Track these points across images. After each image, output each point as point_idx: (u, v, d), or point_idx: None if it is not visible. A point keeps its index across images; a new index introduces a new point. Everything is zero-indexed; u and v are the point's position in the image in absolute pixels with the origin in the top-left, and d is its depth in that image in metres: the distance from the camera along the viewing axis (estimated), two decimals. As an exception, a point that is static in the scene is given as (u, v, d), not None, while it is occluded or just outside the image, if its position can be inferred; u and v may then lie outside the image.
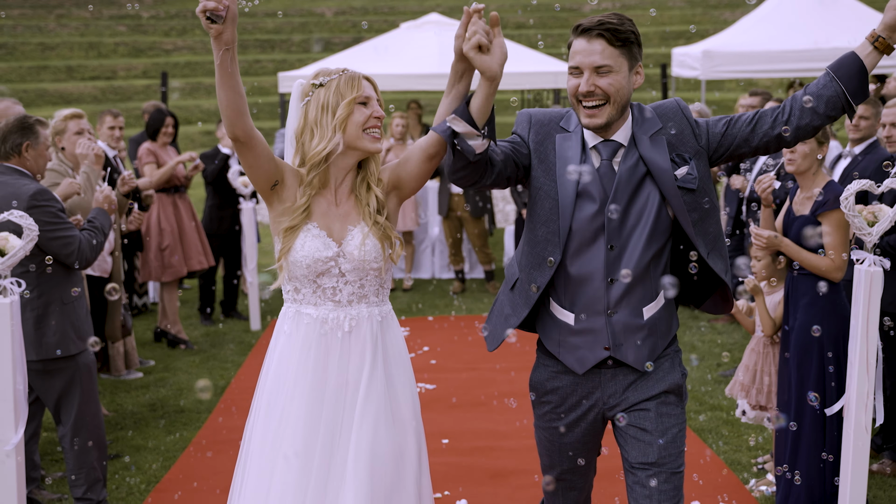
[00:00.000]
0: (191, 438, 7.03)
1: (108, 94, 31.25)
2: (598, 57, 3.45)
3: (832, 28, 13.82)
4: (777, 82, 27.31)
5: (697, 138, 3.58)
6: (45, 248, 5.14)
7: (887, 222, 4.70)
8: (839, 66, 3.53)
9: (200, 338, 9.92)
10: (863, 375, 4.74)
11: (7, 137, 5.28)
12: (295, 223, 3.62)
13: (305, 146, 3.64)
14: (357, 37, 35.26)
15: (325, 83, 3.64)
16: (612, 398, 3.65)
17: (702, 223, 3.58)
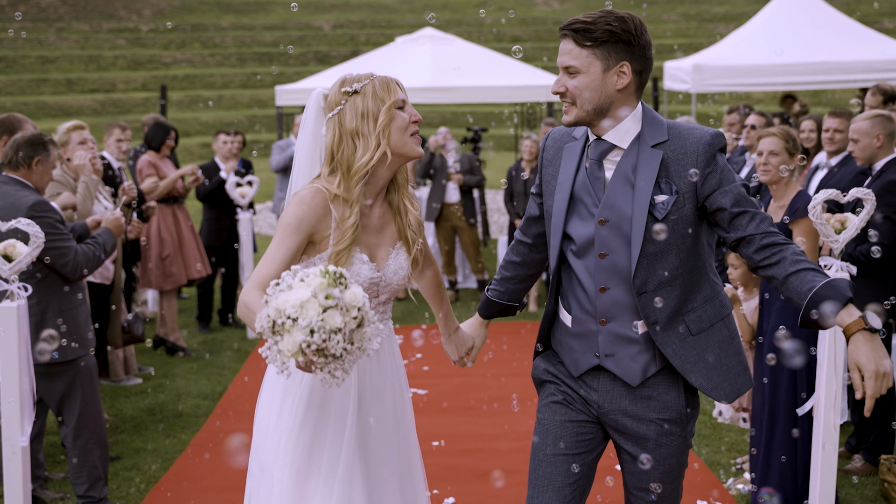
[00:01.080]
0: (189, 441, 7.24)
1: (108, 106, 31.51)
2: (566, 57, 3.39)
3: (820, 42, 14.09)
4: (770, 95, 27.62)
5: (699, 180, 3.36)
6: (42, 256, 5.34)
7: (853, 230, 4.94)
8: (818, 304, 3.13)
9: (198, 345, 10.13)
10: (831, 376, 4.97)
11: (20, 148, 5.50)
12: (346, 244, 3.46)
13: (347, 158, 3.48)
14: (354, 50, 35.51)
15: (358, 90, 3.48)
16: (607, 403, 3.51)
17: (654, 259, 3.37)
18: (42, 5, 42.30)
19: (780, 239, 3.31)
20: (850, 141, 6.25)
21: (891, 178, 6.04)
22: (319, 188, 3.47)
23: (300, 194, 3.48)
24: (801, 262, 3.23)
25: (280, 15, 44.94)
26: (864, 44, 14.29)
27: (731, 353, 3.51)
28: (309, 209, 3.43)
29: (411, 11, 45.13)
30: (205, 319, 10.74)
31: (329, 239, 3.46)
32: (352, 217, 3.46)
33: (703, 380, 3.44)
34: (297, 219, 3.41)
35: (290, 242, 3.40)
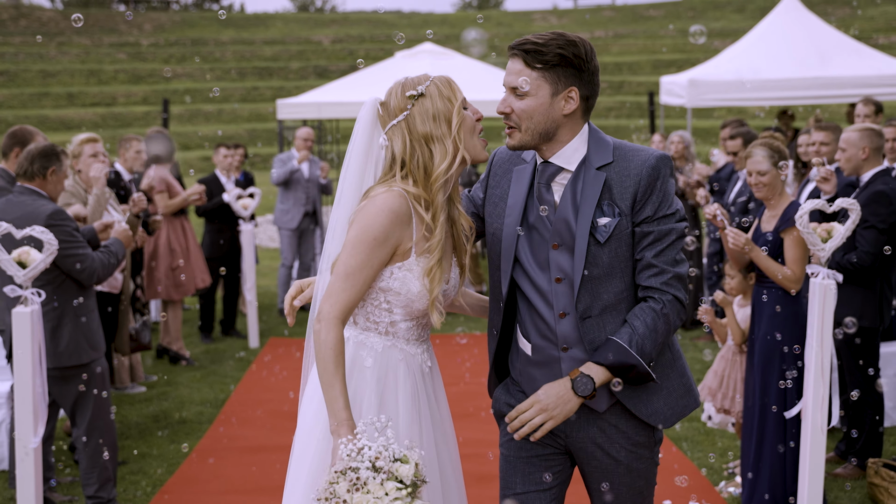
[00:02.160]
0: (193, 446, 7.40)
1: (109, 120, 31.73)
2: (514, 77, 3.27)
3: (814, 58, 14.26)
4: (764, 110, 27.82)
5: (635, 203, 3.29)
6: (60, 265, 5.54)
7: (839, 239, 5.12)
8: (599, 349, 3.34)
9: (201, 355, 10.28)
10: (818, 380, 5.14)
11: (35, 160, 5.69)
12: (436, 259, 3.27)
13: (426, 165, 3.27)
14: (353, 65, 35.74)
15: (423, 92, 3.29)
16: (574, 431, 3.43)
17: (598, 283, 3.31)
18: (43, 19, 42.56)
19: (654, 285, 3.30)
20: (839, 150, 6.42)
21: (877, 189, 6.22)
22: (404, 193, 3.26)
23: (383, 201, 3.23)
24: (630, 317, 3.30)
25: (279, 30, 45.25)
26: (859, 59, 14.46)
27: (674, 375, 3.46)
28: (397, 218, 3.22)
29: (410, 26, 45.42)
30: (207, 329, 10.90)
31: (411, 248, 3.27)
32: (438, 230, 3.27)
33: (640, 405, 3.39)
34: (384, 231, 3.19)
35: (374, 260, 3.20)
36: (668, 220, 3.31)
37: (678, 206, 3.35)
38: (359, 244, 3.17)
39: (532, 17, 49.10)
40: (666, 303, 3.30)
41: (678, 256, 3.36)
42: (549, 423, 3.23)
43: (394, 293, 3.29)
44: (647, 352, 3.27)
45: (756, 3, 43.81)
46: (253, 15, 50.85)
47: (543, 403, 3.23)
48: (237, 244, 10.75)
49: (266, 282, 13.95)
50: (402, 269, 3.27)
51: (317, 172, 11.97)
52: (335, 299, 3.17)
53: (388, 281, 3.27)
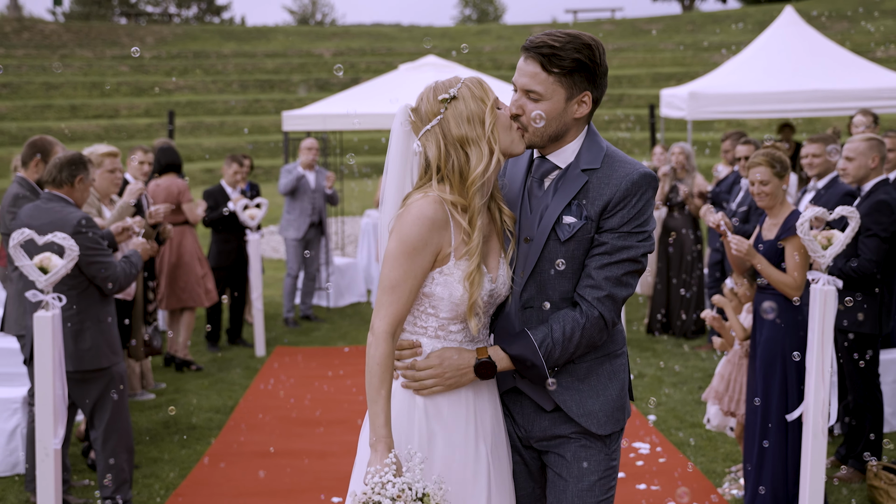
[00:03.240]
0: (204, 451, 7.52)
1: (111, 132, 31.89)
2: (529, 80, 3.26)
3: (813, 71, 14.41)
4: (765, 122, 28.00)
5: (605, 211, 3.28)
6: (85, 271, 5.70)
7: (839, 246, 5.26)
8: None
9: (208, 363, 10.41)
10: (819, 384, 5.27)
11: (64, 168, 5.84)
12: (475, 264, 3.24)
13: (461, 169, 3.23)
14: (355, 77, 35.90)
15: (456, 95, 3.26)
16: (528, 425, 3.48)
17: (547, 277, 3.34)
18: (46, 32, 42.78)
19: (587, 297, 3.26)
20: (844, 160, 6.54)
21: (879, 199, 6.36)
22: (439, 199, 3.23)
23: (419, 209, 3.20)
24: (554, 318, 3.28)
25: (281, 43, 45.47)
26: (857, 72, 14.61)
27: (612, 386, 3.43)
28: (433, 225, 3.19)
29: (411, 40, 45.65)
30: (213, 338, 11.02)
31: (451, 254, 3.24)
32: (475, 234, 3.23)
33: (573, 404, 3.37)
34: (422, 240, 3.17)
35: (416, 269, 3.19)
36: (628, 237, 3.26)
37: (648, 229, 3.30)
38: (399, 256, 3.17)
39: (532, 31, 49.34)
40: (590, 318, 3.27)
41: (623, 278, 3.29)
42: (437, 388, 3.26)
43: (437, 298, 3.27)
44: (553, 357, 3.26)
45: (755, 16, 44.08)
46: (254, 28, 51.11)
47: (440, 370, 3.26)
48: (243, 254, 10.88)
49: (270, 292, 14.08)
50: (443, 275, 3.25)
51: (323, 182, 12.11)
52: (384, 313, 3.18)
53: (430, 286, 3.25)
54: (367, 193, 25.32)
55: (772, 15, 34.38)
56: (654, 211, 3.35)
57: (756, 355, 5.89)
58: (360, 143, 30.23)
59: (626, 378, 3.50)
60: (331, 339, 11.42)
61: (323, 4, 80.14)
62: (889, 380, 7.34)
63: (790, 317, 5.77)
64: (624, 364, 3.51)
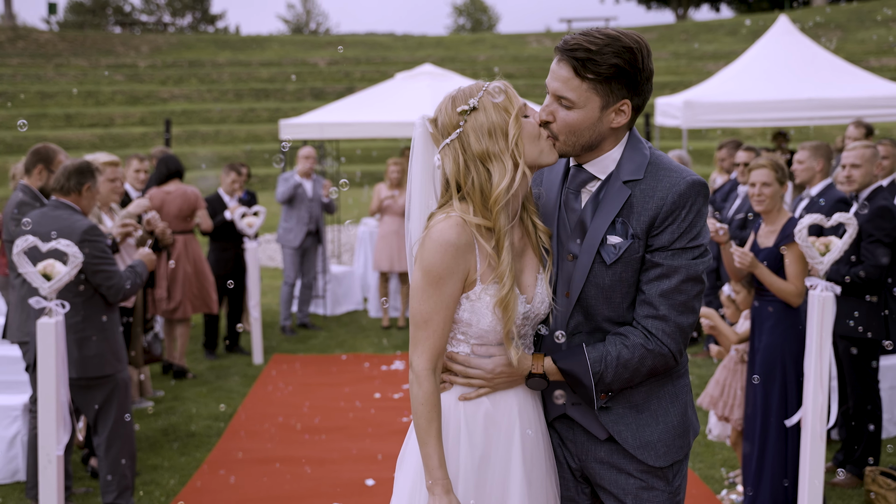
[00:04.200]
0: (203, 459, 7.53)
1: (106, 141, 31.90)
2: (561, 86, 2.98)
3: (808, 79, 14.50)
4: (759, 131, 28.12)
5: (652, 227, 2.99)
6: (91, 279, 5.74)
7: (837, 252, 5.31)
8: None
9: (206, 371, 10.42)
10: (818, 389, 5.32)
11: (72, 176, 5.88)
12: (508, 288, 2.98)
13: (480, 186, 2.97)
14: (349, 86, 35.98)
15: (476, 105, 2.99)
16: (581, 454, 3.22)
17: (595, 301, 3.08)
18: (41, 41, 42.80)
19: (652, 330, 3.00)
20: (850, 167, 6.58)
21: (880, 204, 6.41)
22: (461, 221, 2.98)
23: (440, 234, 2.97)
24: (616, 339, 3.04)
25: (276, 52, 45.55)
26: (850, 81, 14.70)
27: (674, 410, 3.17)
28: (457, 251, 2.96)
29: (405, 49, 45.77)
30: (211, 346, 11.03)
31: (477, 279, 3.00)
32: (504, 257, 2.97)
33: (628, 434, 3.11)
34: (446, 268, 2.95)
35: (446, 298, 2.98)
36: (683, 254, 2.98)
37: (702, 241, 3.01)
38: (426, 287, 2.97)
39: (526, 40, 49.47)
40: (655, 353, 3.00)
41: (689, 303, 3.01)
42: (484, 390, 3.08)
43: (464, 324, 3.06)
44: (605, 381, 3.02)
45: (748, 26, 44.26)
46: (249, 37, 51.19)
47: (492, 375, 3.06)
48: (241, 262, 10.91)
49: (267, 300, 14.09)
50: (469, 300, 3.02)
51: (320, 191, 12.14)
52: (420, 349, 2.99)
53: (458, 312, 3.04)
54: (363, 201, 25.35)
55: (765, 24, 34.54)
56: (705, 221, 3.06)
57: (755, 361, 5.93)
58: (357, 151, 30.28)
59: (688, 399, 3.22)
60: (328, 348, 11.43)
61: (317, 14, 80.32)
62: (886, 386, 7.38)
63: (789, 323, 5.81)
64: (686, 384, 3.23)
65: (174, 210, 9.79)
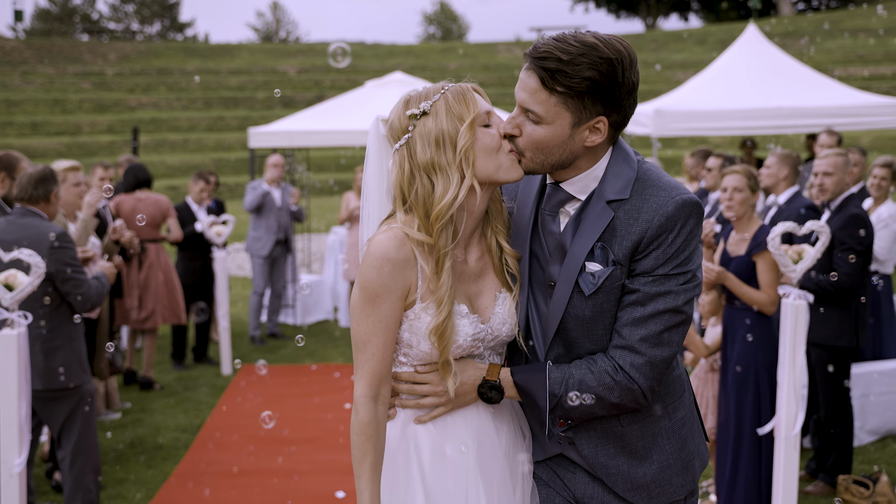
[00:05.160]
0: (170, 472, 7.41)
1: (73, 149, 31.60)
2: (527, 97, 2.65)
3: (775, 88, 14.57)
4: (727, 140, 28.29)
5: (636, 252, 2.68)
6: (60, 287, 5.63)
7: (810, 260, 5.29)
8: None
9: (174, 382, 10.28)
10: (791, 397, 5.29)
11: (39, 184, 5.77)
12: (445, 314, 2.71)
13: (423, 199, 2.71)
14: (319, 94, 35.86)
15: (427, 109, 2.72)
16: (576, 488, 2.90)
17: (574, 334, 2.78)
18: (7, 48, 42.36)
19: (622, 364, 2.69)
20: (823, 175, 6.57)
21: (852, 213, 6.41)
22: (403, 236, 2.73)
23: (378, 247, 2.72)
24: (583, 364, 2.73)
25: (245, 60, 45.35)
26: (817, 90, 14.79)
27: (670, 446, 2.85)
28: (395, 267, 2.71)
29: (376, 57, 45.70)
30: (179, 357, 10.89)
31: (416, 297, 2.75)
32: (443, 280, 2.71)
33: (615, 475, 2.82)
34: (383, 285, 2.70)
35: (385, 319, 2.73)
36: (665, 281, 2.66)
37: (690, 267, 2.68)
38: (363, 306, 2.73)
39: (496, 49, 49.56)
40: (623, 387, 2.69)
41: (664, 335, 2.68)
42: (439, 410, 2.82)
43: (405, 345, 2.82)
44: (564, 406, 2.72)
45: (716, 35, 44.58)
46: (218, 45, 50.93)
47: (443, 388, 2.80)
48: (209, 271, 10.79)
49: (236, 309, 13.96)
50: (409, 320, 2.77)
51: (288, 199, 12.04)
52: (360, 374, 2.75)
53: (399, 331, 2.80)
54: (333, 210, 25.24)
55: (732, 34, 34.75)
56: (698, 244, 2.72)
57: (728, 370, 5.90)
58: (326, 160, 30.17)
59: (689, 432, 2.89)
60: (298, 357, 11.32)
61: (287, 22, 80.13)
62: (857, 394, 7.39)
63: (762, 331, 5.79)
64: (685, 416, 2.89)
65: (146, 218, 9.67)
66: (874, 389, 7.51)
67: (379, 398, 2.75)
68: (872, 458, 7.21)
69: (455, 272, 2.79)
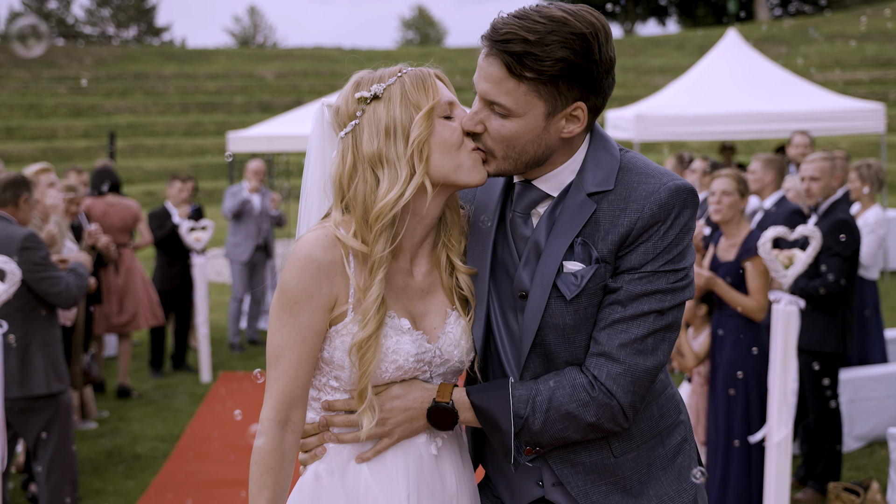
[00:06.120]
0: (149, 482, 7.26)
1: (49, 154, 31.31)
2: (491, 88, 2.28)
3: (756, 93, 14.59)
4: (707, 144, 28.35)
5: (622, 247, 2.32)
6: (35, 288, 5.51)
7: (801, 266, 5.22)
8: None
9: (152, 390, 10.12)
10: (783, 404, 5.22)
11: (7, 188, 5.68)
12: (370, 331, 2.32)
13: (363, 196, 2.34)
14: (297, 99, 35.70)
15: (380, 93, 2.36)
16: None
17: (553, 345, 2.39)
18: (-19, 53, 41.98)
19: (599, 375, 2.30)
20: (809, 180, 6.53)
21: (839, 218, 6.36)
22: (333, 237, 2.36)
23: (303, 247, 2.36)
24: (553, 377, 2.35)
25: (223, 64, 45.13)
26: (797, 94, 14.83)
27: (667, 478, 2.48)
28: (319, 271, 2.34)
29: (354, 62, 45.50)
30: (157, 364, 10.74)
31: (348, 309, 2.37)
32: (373, 289, 2.33)
33: None
34: (304, 290, 2.33)
35: (303, 329, 2.34)
36: (653, 279, 2.30)
37: (684, 264, 2.34)
38: (279, 313, 2.35)
39: (474, 54, 49.52)
40: (599, 402, 2.31)
41: (648, 341, 2.30)
42: (383, 443, 2.42)
43: (336, 366, 2.40)
44: (532, 429, 2.33)
45: (694, 41, 44.74)
46: (195, 50, 50.67)
47: (385, 415, 2.40)
48: (188, 277, 10.64)
49: (215, 316, 13.80)
50: (339, 335, 2.38)
51: (268, 205, 11.91)
52: (268, 393, 2.38)
53: (328, 350, 2.40)
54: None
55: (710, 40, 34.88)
56: (692, 239, 2.38)
57: (716, 377, 5.83)
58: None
59: (686, 460, 2.53)
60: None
61: (264, 27, 79.90)
62: (845, 399, 7.33)
63: (751, 337, 5.72)
64: (680, 443, 2.52)
65: (118, 222, 9.55)
66: (861, 395, 7.46)
67: (288, 424, 2.37)
68: (860, 465, 7.16)
69: (397, 285, 2.41)
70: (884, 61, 35.30)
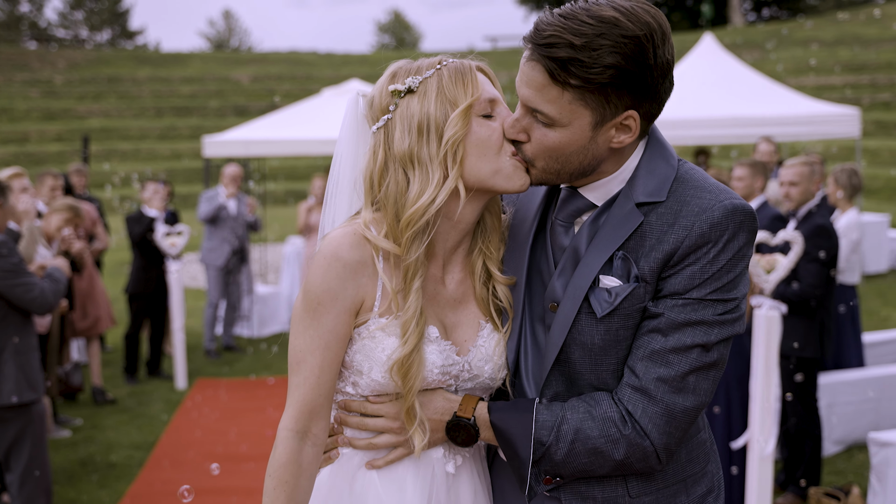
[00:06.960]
0: (124, 492, 7.16)
1: (21, 158, 31.01)
2: (534, 95, 2.07)
3: (731, 98, 14.64)
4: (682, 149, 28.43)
5: (666, 267, 2.10)
6: (8, 295, 5.41)
7: (783, 271, 5.21)
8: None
9: (126, 397, 10.01)
10: (765, 409, 5.20)
11: None
12: (411, 346, 2.16)
13: (395, 198, 2.19)
14: (271, 104, 35.55)
15: (415, 87, 2.20)
16: None
17: (579, 365, 2.20)
18: (-48, 56, 41.62)
19: (633, 411, 2.10)
20: (788, 185, 6.53)
21: (818, 223, 6.36)
22: (361, 236, 2.21)
23: (329, 244, 2.21)
24: (581, 405, 2.15)
25: (197, 68, 44.90)
26: (773, 99, 14.89)
27: None
28: (345, 270, 2.19)
29: (330, 66, 45.47)
30: (131, 371, 10.62)
31: (374, 308, 2.23)
32: (412, 301, 2.18)
33: None
34: (329, 290, 2.19)
35: (327, 334, 2.20)
36: (699, 308, 2.07)
37: (735, 294, 2.11)
38: (303, 316, 2.21)
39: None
40: (630, 441, 2.11)
41: (689, 379, 2.09)
42: (396, 453, 2.29)
43: (355, 371, 2.27)
44: (553, 459, 2.15)
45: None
46: (169, 53, 50.40)
47: (399, 423, 2.26)
48: (163, 282, 10.53)
49: (190, 322, 13.67)
50: (362, 338, 2.24)
51: (244, 209, 11.81)
52: (288, 401, 2.23)
53: (348, 353, 2.27)
54: (289, 220, 24.96)
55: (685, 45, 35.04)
56: (746, 267, 2.15)
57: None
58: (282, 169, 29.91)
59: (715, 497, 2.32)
60: (255, 370, 11.09)
61: (239, 30, 79.60)
62: (824, 404, 7.34)
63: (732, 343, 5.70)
64: (704, 495, 2.29)
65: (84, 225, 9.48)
66: (839, 399, 7.47)
67: (308, 436, 2.21)
68: (839, 469, 7.16)
69: (427, 293, 2.25)
70: (857, 66, 35.56)
